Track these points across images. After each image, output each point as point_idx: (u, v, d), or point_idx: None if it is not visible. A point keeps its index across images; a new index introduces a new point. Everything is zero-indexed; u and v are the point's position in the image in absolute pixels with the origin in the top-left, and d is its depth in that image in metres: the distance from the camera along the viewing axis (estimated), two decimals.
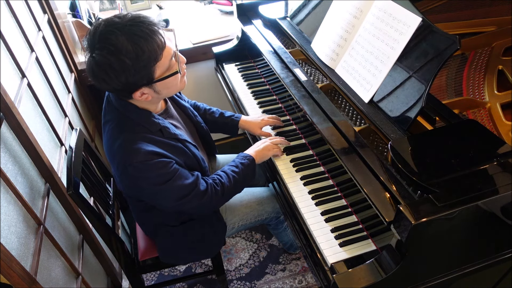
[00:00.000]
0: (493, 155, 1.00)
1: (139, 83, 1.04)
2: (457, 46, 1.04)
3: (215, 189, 1.23)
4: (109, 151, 1.13)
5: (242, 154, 1.36)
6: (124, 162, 1.07)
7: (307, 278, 1.90)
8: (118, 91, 1.07)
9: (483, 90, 1.34)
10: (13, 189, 1.06)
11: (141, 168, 1.07)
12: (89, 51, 1.02)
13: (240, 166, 1.31)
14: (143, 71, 1.02)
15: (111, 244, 1.38)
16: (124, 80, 1.01)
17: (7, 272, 0.93)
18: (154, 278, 1.98)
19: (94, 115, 2.21)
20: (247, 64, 1.97)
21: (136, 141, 1.08)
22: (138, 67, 1.00)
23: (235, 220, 1.49)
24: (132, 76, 1.01)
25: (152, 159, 1.08)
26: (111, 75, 0.99)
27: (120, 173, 1.11)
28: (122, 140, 1.08)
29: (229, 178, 1.27)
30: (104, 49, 0.98)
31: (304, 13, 1.70)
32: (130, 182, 1.13)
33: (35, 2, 1.70)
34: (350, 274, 0.99)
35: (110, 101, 1.16)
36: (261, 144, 1.39)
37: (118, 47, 0.97)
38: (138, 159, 1.06)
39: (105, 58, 0.98)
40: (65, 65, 1.92)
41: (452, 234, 0.95)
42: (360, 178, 1.07)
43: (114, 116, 1.13)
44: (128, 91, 1.06)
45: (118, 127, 1.12)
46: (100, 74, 1.00)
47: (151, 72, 1.04)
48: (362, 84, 1.29)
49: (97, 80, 1.04)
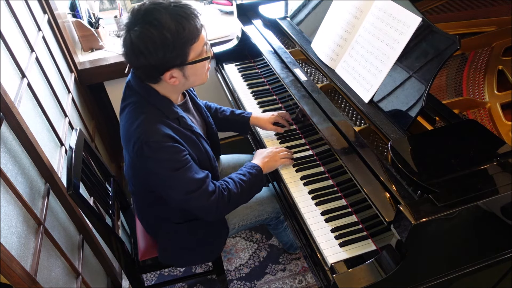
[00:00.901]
0: (493, 155, 1.00)
1: (174, 62, 1.08)
2: (457, 46, 1.04)
3: (222, 194, 1.21)
4: (127, 131, 1.14)
5: (250, 163, 1.34)
6: (141, 140, 1.09)
7: (307, 278, 1.90)
8: (151, 70, 1.09)
9: (483, 90, 1.34)
10: (13, 189, 1.06)
11: (156, 148, 1.09)
12: (127, 29, 1.05)
13: (248, 175, 1.29)
14: (180, 50, 1.06)
15: (111, 244, 1.38)
16: (162, 56, 1.04)
17: (7, 272, 0.93)
18: (154, 278, 1.98)
19: (94, 115, 2.21)
20: (247, 64, 1.97)
21: (155, 123, 1.12)
22: (177, 44, 1.04)
23: (235, 221, 1.49)
24: (170, 52, 1.04)
25: (167, 142, 1.11)
26: (150, 49, 1.03)
27: (135, 152, 1.11)
28: (141, 120, 1.12)
29: (236, 186, 1.25)
30: (147, 23, 1.02)
31: (304, 13, 1.70)
32: (143, 163, 1.13)
33: (35, 2, 1.70)
34: (350, 274, 0.99)
35: (130, 86, 1.19)
36: (267, 154, 1.37)
37: (161, 22, 1.02)
38: (155, 139, 1.09)
39: (147, 31, 1.02)
40: (65, 65, 1.92)
41: (452, 234, 0.95)
42: (360, 178, 1.07)
43: (136, 100, 1.16)
44: (160, 69, 1.09)
45: (138, 108, 1.15)
46: (139, 47, 1.03)
47: (186, 53, 1.08)
48: (362, 84, 1.29)
49: (134, 55, 1.05)
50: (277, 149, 1.39)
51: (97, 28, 2.14)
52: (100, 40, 2.15)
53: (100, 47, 2.18)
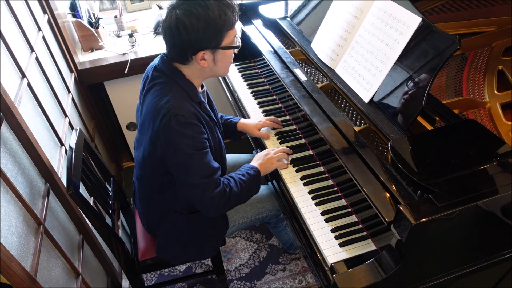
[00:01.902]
0: (493, 155, 1.00)
1: (209, 42, 1.16)
2: (457, 46, 1.04)
3: (225, 190, 1.25)
4: (155, 106, 1.19)
5: (248, 165, 1.38)
6: (171, 113, 1.15)
7: (307, 278, 1.90)
8: (187, 47, 1.16)
9: (483, 90, 1.34)
10: (13, 189, 1.06)
11: (184, 122, 1.16)
12: (171, 8, 1.14)
13: (247, 175, 1.32)
14: (218, 32, 1.15)
15: (111, 244, 1.38)
16: (202, 32, 1.13)
17: (7, 272, 0.93)
18: (154, 278, 1.98)
19: (94, 115, 2.21)
20: (247, 64, 1.97)
21: (183, 100, 1.20)
22: (217, 25, 1.13)
23: (236, 218, 1.50)
24: (208, 31, 1.13)
25: (193, 119, 1.18)
26: (194, 23, 1.11)
27: (163, 125, 1.16)
28: (171, 96, 1.18)
29: (237, 185, 1.28)
30: (195, 3, 1.12)
31: (304, 13, 1.70)
32: (168, 136, 1.17)
33: (35, 2, 1.70)
34: (350, 274, 0.99)
35: (158, 69, 1.26)
36: (264, 156, 1.40)
37: (207, 4, 1.12)
38: (184, 113, 1.16)
39: (194, 9, 1.11)
40: (65, 65, 1.92)
41: (452, 234, 0.95)
42: (360, 178, 1.07)
43: (164, 81, 1.23)
44: (196, 47, 1.16)
45: (167, 87, 1.21)
46: (184, 21, 1.11)
47: (222, 37, 1.17)
48: (362, 84, 1.29)
49: (177, 30, 1.13)
50: (273, 152, 1.41)
51: (97, 28, 2.14)
52: (100, 40, 2.15)
53: (100, 47, 2.18)
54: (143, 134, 1.27)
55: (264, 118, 1.57)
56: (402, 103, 1.15)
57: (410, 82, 1.14)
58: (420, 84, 1.10)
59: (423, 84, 1.09)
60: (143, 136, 1.28)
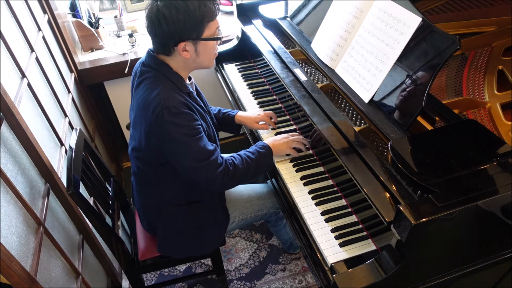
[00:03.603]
0: (493, 155, 1.00)
1: (190, 33, 1.18)
2: (457, 46, 1.04)
3: (228, 168, 1.27)
4: (145, 100, 1.21)
5: (261, 143, 1.40)
6: (161, 105, 1.17)
7: (307, 278, 1.90)
8: (168, 38, 1.18)
9: (483, 90, 1.34)
10: (13, 189, 1.06)
11: (175, 113, 1.18)
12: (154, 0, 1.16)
13: (256, 153, 1.35)
14: (198, 23, 1.17)
15: (111, 244, 1.38)
16: (182, 24, 1.15)
17: (7, 272, 0.93)
18: (154, 278, 1.98)
19: (94, 115, 2.21)
20: (247, 64, 1.97)
21: (172, 92, 1.22)
22: (197, 16, 1.15)
23: (235, 214, 1.50)
24: (188, 22, 1.15)
25: (184, 108, 1.20)
26: (173, 15, 1.13)
27: (155, 117, 1.18)
28: (160, 89, 1.21)
29: (242, 162, 1.31)
30: None
31: (304, 13, 1.70)
32: (161, 128, 1.19)
33: (35, 2, 1.70)
34: (350, 274, 0.99)
35: (146, 64, 1.28)
36: (281, 138, 1.41)
37: None
38: (174, 104, 1.18)
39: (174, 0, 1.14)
40: (65, 65, 1.92)
41: (452, 234, 0.95)
42: (360, 178, 1.07)
43: (152, 75, 1.25)
44: (177, 39, 1.18)
45: (156, 80, 1.24)
46: (164, 12, 1.13)
47: (202, 28, 1.18)
48: (362, 84, 1.29)
49: (158, 21, 1.15)
50: (293, 138, 1.42)
51: (97, 28, 2.14)
52: (100, 40, 2.15)
53: (100, 47, 2.18)
54: (136, 128, 1.29)
55: (263, 112, 1.59)
56: (402, 103, 1.15)
57: (410, 82, 1.14)
58: (420, 84, 1.10)
59: (423, 84, 1.09)
60: (137, 130, 1.29)
